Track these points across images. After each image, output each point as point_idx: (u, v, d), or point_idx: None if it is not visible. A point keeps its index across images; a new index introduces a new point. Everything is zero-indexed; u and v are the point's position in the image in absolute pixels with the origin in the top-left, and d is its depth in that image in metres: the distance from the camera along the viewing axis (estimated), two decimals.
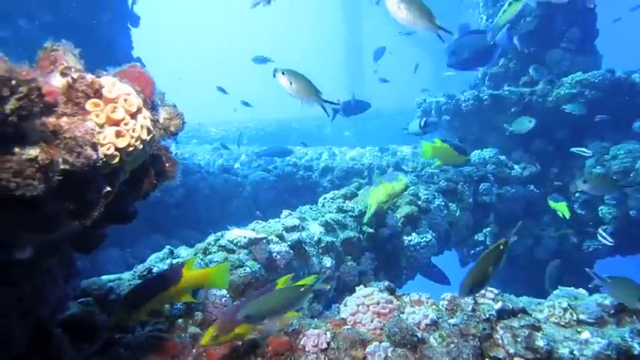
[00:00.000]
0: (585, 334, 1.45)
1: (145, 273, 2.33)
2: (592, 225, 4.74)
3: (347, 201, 3.91)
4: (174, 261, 2.56)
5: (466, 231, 4.83)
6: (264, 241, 3.01)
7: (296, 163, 6.95)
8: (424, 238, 3.95)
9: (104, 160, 0.96)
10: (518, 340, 1.42)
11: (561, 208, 3.82)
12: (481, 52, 3.68)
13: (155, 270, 2.39)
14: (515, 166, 5.45)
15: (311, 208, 3.88)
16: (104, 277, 2.19)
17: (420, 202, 4.27)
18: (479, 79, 6.65)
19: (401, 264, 3.88)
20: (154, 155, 1.39)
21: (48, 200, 0.92)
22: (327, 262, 3.34)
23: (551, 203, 4.13)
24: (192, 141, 13.00)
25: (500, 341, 1.46)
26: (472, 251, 5.48)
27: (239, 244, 2.90)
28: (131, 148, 1.00)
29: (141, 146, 1.03)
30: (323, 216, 3.67)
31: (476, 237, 5.37)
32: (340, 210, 3.78)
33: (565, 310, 1.53)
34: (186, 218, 5.73)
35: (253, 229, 3.17)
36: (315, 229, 3.48)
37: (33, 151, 0.84)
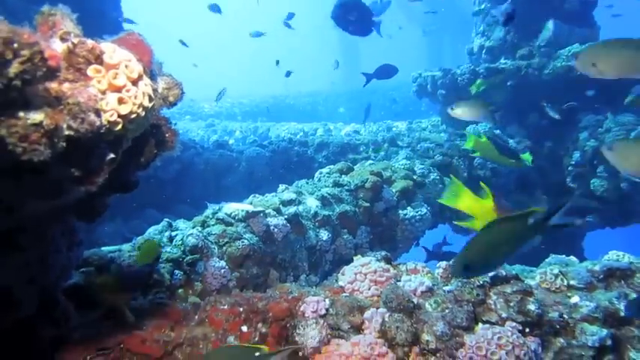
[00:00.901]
0: (575, 299, 1.50)
1: None
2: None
3: (343, 175, 3.93)
4: (173, 233, 2.59)
5: None
6: (262, 214, 3.04)
7: (291, 139, 6.94)
8: (419, 212, 4.00)
9: (107, 126, 0.96)
10: (511, 304, 1.47)
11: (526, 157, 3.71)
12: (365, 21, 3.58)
13: None
14: (510, 140, 5.48)
15: (307, 183, 3.91)
16: (105, 248, 2.22)
17: (415, 177, 4.31)
18: (475, 53, 6.60)
19: (396, 237, 3.94)
20: (154, 125, 1.39)
21: (53, 166, 0.93)
22: (324, 235, 3.39)
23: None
24: (185, 117, 12.86)
25: (493, 306, 1.51)
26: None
27: (237, 218, 2.93)
28: (133, 115, 1.00)
29: (143, 113, 1.03)
30: (319, 190, 3.69)
31: None
32: (336, 184, 3.80)
33: (556, 276, 1.58)
34: (181, 193, 5.74)
35: (251, 203, 3.20)
36: (311, 203, 3.51)
37: (38, 116, 0.84)
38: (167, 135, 1.48)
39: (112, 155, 1.01)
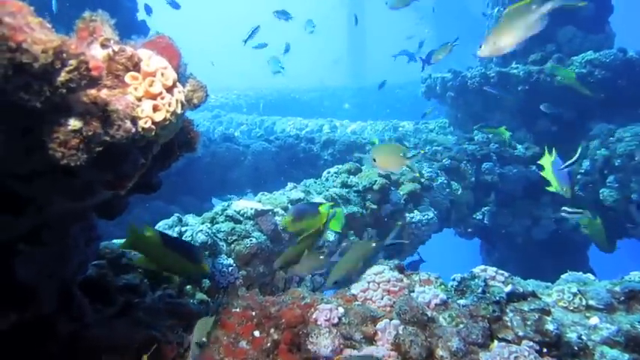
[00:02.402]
0: (594, 320, 1.49)
1: None
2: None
3: (351, 176, 3.92)
4: (183, 229, 2.58)
5: (467, 209, 4.89)
6: (270, 213, 3.04)
7: (298, 135, 6.92)
8: (426, 216, 3.99)
9: (141, 133, 0.95)
10: (528, 323, 1.46)
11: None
12: None
13: None
14: (519, 146, 5.46)
15: (315, 182, 3.90)
16: (116, 241, 2.21)
17: (422, 180, 4.29)
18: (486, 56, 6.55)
19: (402, 239, 3.93)
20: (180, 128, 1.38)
21: (87, 170, 0.92)
22: (330, 236, 3.38)
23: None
24: None
25: (509, 323, 1.50)
26: (469, 229, 5.56)
27: (245, 215, 2.93)
28: (167, 122, 0.99)
29: (175, 120, 1.02)
30: (327, 190, 3.68)
31: (474, 215, 5.44)
32: (344, 185, 3.79)
33: (574, 295, 1.57)
34: (186, 185, 5.73)
35: (259, 201, 3.19)
36: None
37: (78, 123, 0.83)
38: (190, 136, 1.47)
39: (142, 160, 1.00)
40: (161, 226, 2.63)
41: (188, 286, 2.37)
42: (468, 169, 4.86)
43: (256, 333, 1.54)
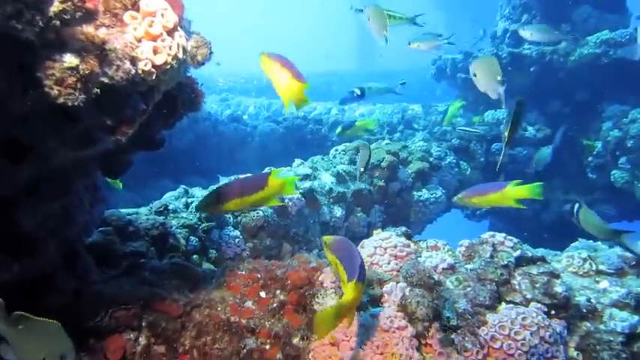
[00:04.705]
0: (604, 284, 1.46)
1: (161, 209, 2.36)
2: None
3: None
4: (189, 200, 2.58)
5: None
6: None
7: (306, 117, 6.87)
8: (434, 195, 3.96)
9: (141, 76, 0.93)
10: (537, 285, 1.44)
11: None
12: None
13: (171, 207, 2.42)
14: (530, 128, 5.37)
15: (322, 159, 3.87)
16: (123, 210, 2.22)
17: (431, 159, 4.25)
18: (498, 37, 6.42)
19: (410, 218, 3.91)
20: (181, 83, 1.35)
21: (87, 112, 0.90)
22: (338, 211, 3.37)
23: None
24: None
25: (517, 287, 1.48)
26: (478, 211, 5.51)
27: None
28: (167, 67, 0.97)
29: (176, 65, 1.00)
30: (335, 167, 3.66)
31: None
32: (352, 162, 3.76)
33: (584, 260, 1.54)
34: (194, 165, 5.74)
35: None
36: (326, 179, 3.48)
37: (74, 60, 0.81)
38: (194, 95, 1.45)
39: (143, 106, 0.98)
40: (167, 197, 2.63)
41: (195, 256, 2.38)
42: (478, 149, 4.80)
43: (262, 294, 1.53)
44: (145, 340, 1.35)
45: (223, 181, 3.05)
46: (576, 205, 2.08)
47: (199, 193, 2.77)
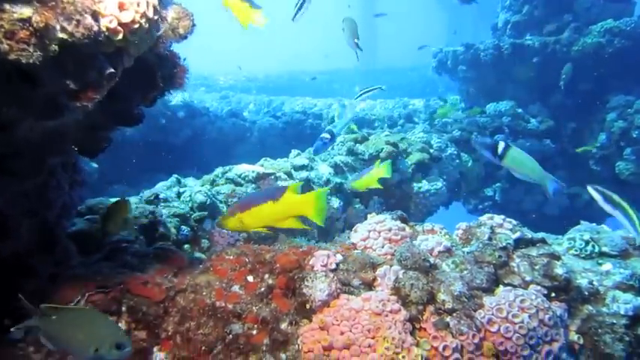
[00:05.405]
0: (607, 266, 1.39)
1: (151, 198, 2.30)
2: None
3: (358, 144, 3.82)
4: (182, 189, 2.52)
5: (477, 182, 4.76)
6: (273, 177, 2.97)
7: (305, 111, 6.81)
8: (434, 186, 3.88)
9: (106, 34, 0.87)
10: (536, 267, 1.37)
11: None
12: None
13: (162, 196, 2.36)
14: (532, 120, 5.28)
15: None
16: (112, 199, 2.16)
17: (431, 150, 4.17)
18: (500, 28, 6.34)
19: (409, 210, 3.83)
20: (161, 56, 1.29)
21: (46, 74, 0.84)
22: (335, 202, 3.30)
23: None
24: (200, 89, 12.79)
25: (516, 269, 1.41)
26: (480, 206, 5.43)
27: (247, 178, 2.86)
28: (136, 26, 0.90)
29: (146, 25, 0.93)
30: (332, 158, 3.60)
31: (485, 191, 5.31)
32: (350, 152, 3.70)
33: (587, 242, 1.47)
34: (191, 160, 5.68)
35: (262, 166, 3.12)
36: (324, 170, 3.42)
37: (26, 11, 0.75)
38: (176, 70, 1.39)
39: (111, 69, 0.91)
40: (159, 186, 2.57)
41: (186, 245, 2.32)
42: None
43: (250, 278, 1.47)
44: (124, 325, 1.28)
45: (221, 168, 2.95)
46: (501, 144, 1.72)
47: (192, 182, 2.71)
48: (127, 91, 1.18)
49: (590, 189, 1.47)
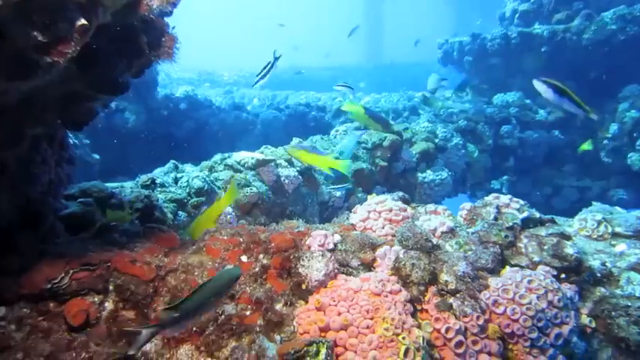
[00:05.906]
0: (621, 247, 1.31)
1: (147, 182, 2.24)
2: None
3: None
4: (179, 175, 2.47)
5: (483, 174, 4.66)
6: (273, 164, 2.90)
7: (309, 104, 6.73)
8: (439, 176, 3.80)
9: None
10: (545, 247, 1.29)
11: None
12: None
13: (158, 181, 2.30)
14: (541, 111, 5.16)
15: (322, 138, 3.74)
16: (107, 184, 2.11)
17: (437, 140, 4.09)
18: (507, 18, 6.22)
19: (414, 200, 3.75)
20: (146, 21, 1.23)
21: (12, 26, 0.78)
22: (337, 191, 3.23)
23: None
24: (204, 84, 12.79)
25: (523, 249, 1.33)
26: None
27: (246, 165, 2.80)
28: None
29: None
30: (334, 146, 3.52)
31: (492, 184, 5.20)
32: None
33: (599, 222, 1.39)
34: (194, 153, 5.62)
35: (262, 153, 3.06)
36: None
37: None
38: (164, 39, 1.32)
39: (82, 20, 0.85)
40: (157, 172, 2.52)
41: (182, 231, 2.26)
42: (486, 131, 4.61)
43: (244, 258, 1.40)
44: (111, 305, 1.22)
45: (220, 154, 2.88)
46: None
47: (190, 168, 2.66)
48: (109, 56, 1.11)
49: (535, 82, 1.49)
